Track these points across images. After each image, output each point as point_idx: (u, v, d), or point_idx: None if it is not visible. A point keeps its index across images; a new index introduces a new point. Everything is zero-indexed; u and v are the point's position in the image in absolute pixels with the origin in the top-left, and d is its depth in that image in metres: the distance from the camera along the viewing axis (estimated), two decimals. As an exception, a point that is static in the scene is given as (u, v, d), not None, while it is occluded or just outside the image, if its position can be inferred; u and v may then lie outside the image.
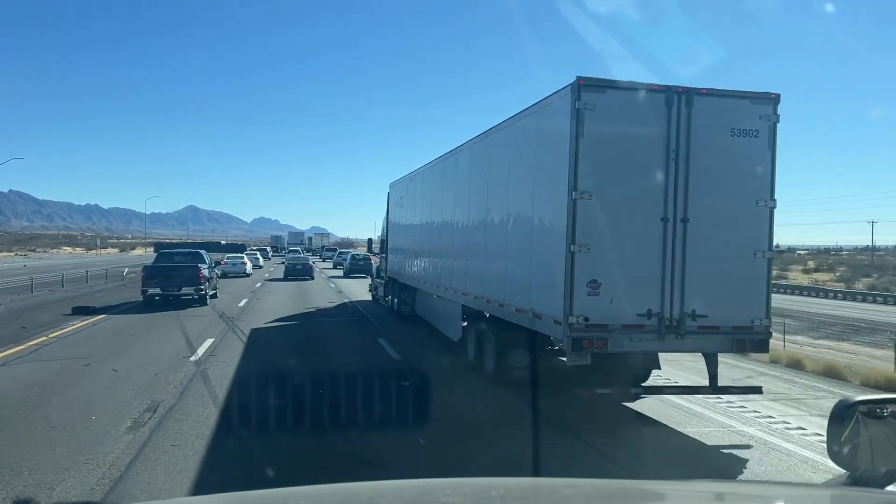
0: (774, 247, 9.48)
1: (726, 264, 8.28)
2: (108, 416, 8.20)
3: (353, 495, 2.31)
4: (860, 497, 2.15)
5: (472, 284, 11.94)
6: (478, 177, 12.09)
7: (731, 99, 8.29)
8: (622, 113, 8.07)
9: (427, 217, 16.53)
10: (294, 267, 40.20)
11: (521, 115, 9.82)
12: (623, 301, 8.03)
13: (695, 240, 8.13)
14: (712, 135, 8.18)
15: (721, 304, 8.24)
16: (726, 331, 8.28)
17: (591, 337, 7.98)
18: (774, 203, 8.33)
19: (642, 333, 8.11)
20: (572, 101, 7.91)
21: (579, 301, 7.93)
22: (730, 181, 8.28)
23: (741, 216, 8.28)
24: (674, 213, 8.11)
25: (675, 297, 8.13)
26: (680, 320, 8.14)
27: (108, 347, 13.62)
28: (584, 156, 7.90)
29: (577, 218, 7.92)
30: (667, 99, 8.08)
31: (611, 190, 8.02)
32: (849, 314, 29.27)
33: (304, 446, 7.24)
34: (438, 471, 6.57)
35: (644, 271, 8.09)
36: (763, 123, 8.24)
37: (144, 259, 64.48)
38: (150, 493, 5.84)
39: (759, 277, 8.35)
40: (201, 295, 22.58)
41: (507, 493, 2.36)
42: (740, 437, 8.15)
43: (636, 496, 2.36)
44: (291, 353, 13.33)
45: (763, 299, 8.34)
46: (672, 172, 8.10)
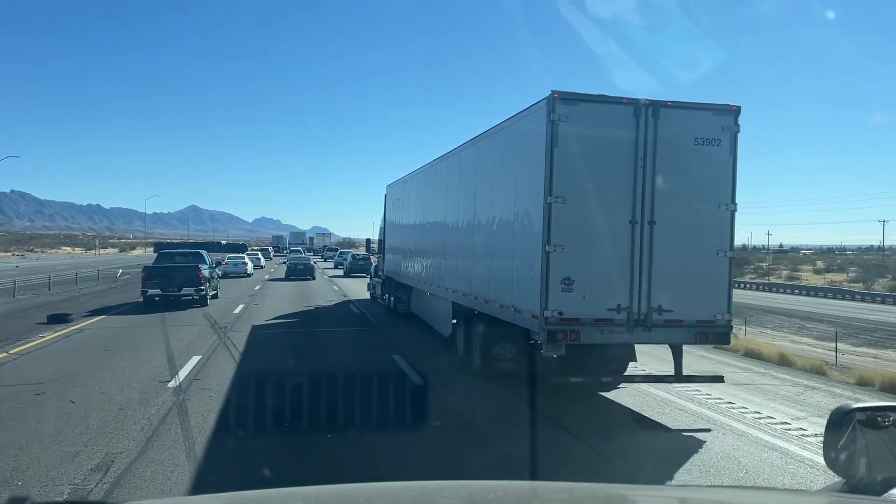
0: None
1: (690, 263, 8.98)
2: (39, 481, 6.13)
3: (351, 497, 2.30)
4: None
5: (461, 282, 12.64)
6: (466, 181, 12.80)
7: (695, 111, 8.98)
8: (594, 124, 8.76)
9: (420, 218, 17.26)
10: (296, 267, 40.76)
11: (503, 124, 10.54)
12: (594, 297, 8.74)
13: (661, 240, 8.83)
14: (677, 144, 8.87)
15: (685, 299, 8.94)
16: (690, 324, 8.99)
17: (564, 330, 8.68)
18: (735, 206, 9.02)
19: (612, 326, 8.81)
20: (547, 113, 8.61)
21: (554, 297, 8.63)
22: (694, 186, 8.98)
23: (704, 219, 8.98)
24: (641, 215, 8.81)
25: (643, 293, 8.83)
26: (647, 314, 8.84)
27: (74, 367, 11.59)
28: (559, 163, 8.60)
29: (552, 220, 8.62)
30: (635, 111, 8.78)
31: (583, 195, 8.71)
32: (885, 319, 27.54)
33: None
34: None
35: (614, 269, 8.79)
36: (725, 133, 8.94)
37: (143, 259, 63.77)
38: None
39: (721, 275, 9.05)
40: (202, 295, 22.49)
41: (504, 496, 2.36)
42: (706, 423, 8.88)
43: (634, 500, 2.37)
44: (290, 373, 11.13)
45: (725, 295, 9.04)
46: (640, 178, 8.79)
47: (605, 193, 8.81)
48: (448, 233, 13.98)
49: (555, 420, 8.65)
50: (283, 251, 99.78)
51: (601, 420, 9.04)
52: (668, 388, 10.35)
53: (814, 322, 25.13)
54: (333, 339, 16.17)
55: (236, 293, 28.21)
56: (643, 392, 10.37)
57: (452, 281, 13.35)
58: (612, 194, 8.81)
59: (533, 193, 9.05)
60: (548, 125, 8.60)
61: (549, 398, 9.49)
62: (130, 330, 16.79)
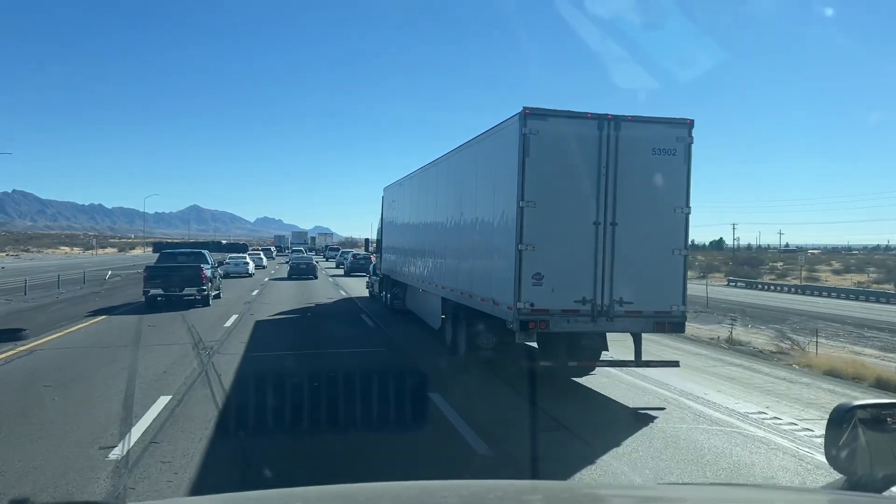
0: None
1: (649, 260, 10.03)
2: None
3: (352, 496, 2.28)
4: (858, 501, 2.15)
5: (449, 279, 13.71)
6: (452, 186, 13.87)
7: (653, 124, 10.03)
8: (561, 136, 9.82)
9: (413, 220, 18.34)
10: (298, 266, 41.56)
11: (483, 135, 11.61)
12: (562, 290, 9.80)
13: (622, 240, 9.88)
14: (636, 153, 9.91)
15: (644, 292, 10.00)
16: (648, 315, 10.05)
17: (535, 319, 9.74)
18: (689, 210, 10.07)
19: (578, 317, 9.87)
20: (520, 127, 9.67)
21: (526, 290, 9.69)
22: (651, 191, 10.02)
23: (661, 220, 10.03)
24: (604, 218, 9.86)
25: (606, 287, 9.88)
26: (609, 306, 9.90)
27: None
28: (530, 171, 9.66)
29: (524, 222, 9.68)
30: (598, 124, 9.84)
31: (552, 199, 9.77)
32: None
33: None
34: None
35: (579, 266, 9.85)
36: (679, 144, 9.99)
37: (141, 259, 63.71)
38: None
39: (676, 271, 10.10)
40: (204, 295, 22.41)
41: (504, 496, 2.35)
42: (660, 401, 9.94)
43: (633, 500, 2.37)
44: (289, 414, 8.23)
45: (680, 289, 10.09)
46: (603, 184, 9.85)
47: (572, 198, 9.86)
48: (437, 233, 15.05)
49: (532, 400, 9.67)
50: (285, 251, 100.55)
51: (572, 399, 10.09)
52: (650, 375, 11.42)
53: (873, 330, 22.65)
54: (337, 356, 13.95)
55: (233, 298, 25.97)
56: (606, 374, 11.45)
57: (441, 278, 14.41)
58: (578, 199, 9.86)
59: (508, 198, 10.11)
60: (520, 137, 9.65)
61: (526, 381, 10.55)
62: (93, 352, 13.28)
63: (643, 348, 10.59)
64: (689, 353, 14.61)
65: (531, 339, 10.02)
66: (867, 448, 2.18)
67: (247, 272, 41.65)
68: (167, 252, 28.05)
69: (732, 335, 17.67)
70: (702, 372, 12.64)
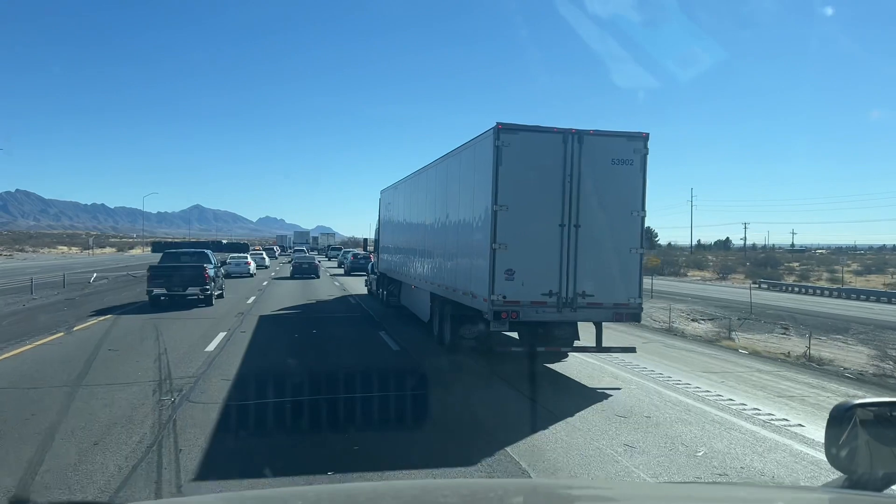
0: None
1: (608, 258, 11.31)
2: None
3: (352, 496, 2.29)
4: (858, 500, 2.15)
5: (436, 275, 15.00)
6: (439, 191, 15.18)
7: (612, 137, 11.31)
8: (530, 148, 11.11)
9: (406, 221, 19.67)
10: (301, 266, 42.47)
11: (464, 146, 12.91)
12: (531, 284, 11.09)
13: (584, 240, 11.17)
14: (597, 163, 11.19)
15: (604, 286, 11.28)
16: (608, 306, 11.34)
17: (507, 310, 11.04)
18: (644, 213, 11.35)
19: (545, 308, 11.16)
20: (494, 140, 10.96)
21: (499, 284, 10.99)
22: (611, 197, 11.30)
23: (619, 222, 11.30)
24: (569, 220, 11.14)
25: (570, 282, 11.17)
26: (573, 298, 11.19)
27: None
28: (502, 179, 10.95)
29: (497, 224, 10.98)
30: (563, 138, 11.13)
31: (522, 204, 11.06)
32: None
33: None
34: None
35: (547, 262, 11.13)
36: (636, 155, 11.26)
37: (137, 260, 62.15)
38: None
39: (633, 267, 11.39)
40: (207, 295, 22.43)
41: (504, 494, 2.36)
42: (616, 381, 11.23)
43: (635, 498, 2.39)
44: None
45: (636, 283, 11.38)
46: (567, 190, 11.13)
47: (540, 202, 11.15)
48: (427, 234, 16.35)
49: (506, 380, 11.00)
50: (287, 250, 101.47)
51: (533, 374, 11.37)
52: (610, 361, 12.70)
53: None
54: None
55: (228, 305, 23.09)
56: (577, 358, 12.75)
57: (430, 274, 15.71)
58: (546, 203, 11.14)
59: (483, 202, 11.41)
60: (494, 149, 10.95)
61: (502, 364, 11.87)
62: (9, 399, 9.25)
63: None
64: (773, 375, 12.52)
65: (504, 327, 11.32)
66: (867, 447, 2.18)
67: (248, 272, 41.44)
68: (170, 252, 27.90)
69: (810, 351, 14.75)
70: (820, 409, 9.61)
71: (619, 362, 13.03)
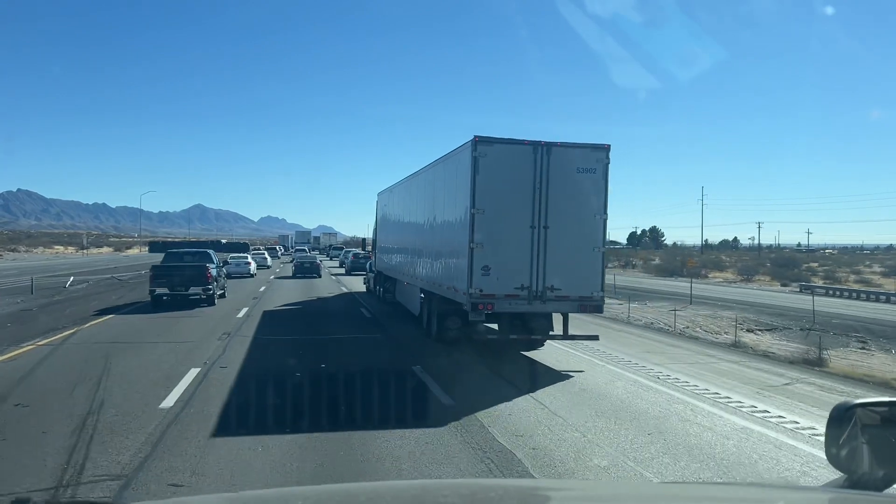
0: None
1: (574, 256, 12.70)
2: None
3: (352, 496, 2.31)
4: (859, 500, 2.14)
5: (425, 272, 16.41)
6: (427, 196, 16.60)
7: (577, 149, 12.70)
8: (504, 158, 12.51)
9: (399, 223, 21.11)
10: (302, 265, 43.36)
11: (448, 155, 14.32)
12: (505, 279, 12.48)
13: (552, 240, 12.56)
14: (564, 172, 12.58)
15: (570, 281, 12.67)
16: (574, 299, 12.73)
17: (483, 302, 12.44)
18: (606, 216, 12.75)
19: (518, 300, 12.56)
20: (472, 151, 12.36)
21: (476, 279, 12.38)
22: (576, 201, 12.69)
23: (584, 224, 12.70)
24: (538, 222, 12.53)
25: (539, 277, 12.56)
26: (542, 292, 12.58)
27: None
28: (479, 185, 12.35)
29: (475, 226, 12.37)
30: (534, 149, 12.52)
31: (497, 207, 12.46)
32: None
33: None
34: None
35: (519, 260, 12.53)
36: (598, 164, 12.66)
37: (129, 262, 60.41)
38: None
39: (596, 264, 12.78)
40: (209, 295, 22.49)
41: (504, 494, 2.36)
42: (579, 364, 12.63)
43: (636, 498, 2.40)
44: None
45: (599, 279, 12.77)
46: (537, 196, 12.52)
47: (513, 206, 12.54)
48: (417, 234, 17.77)
49: (485, 364, 12.40)
50: (288, 250, 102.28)
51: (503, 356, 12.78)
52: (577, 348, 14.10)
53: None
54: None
55: (219, 314, 20.49)
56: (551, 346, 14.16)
57: (420, 272, 17.12)
58: (518, 207, 12.54)
59: (463, 206, 12.81)
60: (472, 159, 12.35)
61: (484, 353, 13.28)
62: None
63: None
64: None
65: (481, 317, 12.74)
66: (868, 446, 2.17)
67: (248, 273, 40.98)
68: (172, 252, 27.73)
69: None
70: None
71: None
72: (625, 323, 21.15)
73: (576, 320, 14.71)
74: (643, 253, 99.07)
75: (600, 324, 18.71)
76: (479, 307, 12.46)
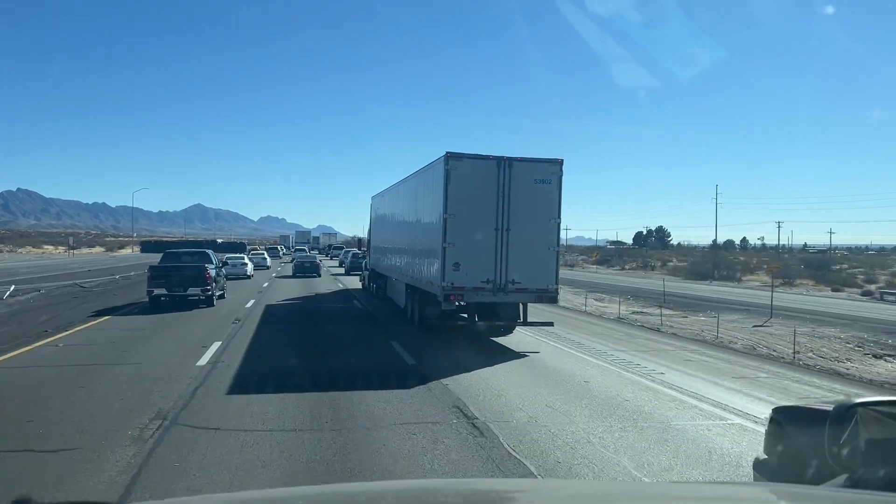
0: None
1: (532, 254, 14.89)
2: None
3: (353, 496, 2.33)
4: (859, 499, 2.13)
5: (409, 269, 18.62)
6: (411, 201, 18.83)
7: (535, 163, 14.88)
8: (472, 171, 14.70)
9: (389, 225, 23.35)
10: (302, 265, 44.52)
11: (426, 167, 16.55)
12: (473, 274, 14.67)
13: (513, 240, 14.74)
14: (524, 182, 14.76)
15: (529, 276, 14.86)
16: (532, 290, 14.93)
17: (455, 293, 14.64)
18: (560, 220, 14.98)
19: (484, 292, 14.75)
20: (444, 165, 14.56)
21: (448, 274, 14.57)
22: (534, 208, 14.87)
23: (540, 227, 14.89)
24: (502, 225, 14.71)
25: (502, 272, 14.75)
26: (505, 284, 14.77)
27: None
28: (451, 194, 14.54)
29: (447, 228, 14.56)
30: (497, 163, 14.71)
31: (465, 212, 14.64)
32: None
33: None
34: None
35: (485, 257, 14.71)
36: (553, 176, 14.85)
37: (115, 262, 56.58)
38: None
39: (551, 261, 14.98)
40: (208, 296, 22.26)
41: (505, 494, 2.39)
42: (537, 345, 14.83)
43: (634, 497, 2.43)
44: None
45: (553, 274, 14.96)
46: (501, 203, 14.70)
47: (479, 212, 14.73)
48: (403, 235, 20.00)
49: (455, 346, 14.60)
50: (290, 250, 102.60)
51: (467, 339, 14.95)
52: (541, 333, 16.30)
53: None
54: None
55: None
56: (520, 332, 16.37)
57: (405, 269, 19.34)
58: (484, 212, 14.72)
59: (438, 211, 15.01)
60: (444, 171, 14.55)
61: (458, 337, 15.48)
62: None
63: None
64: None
65: (453, 307, 14.97)
66: (868, 446, 2.24)
67: (245, 274, 39.65)
68: (171, 252, 27.25)
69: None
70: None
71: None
72: (717, 346, 16.65)
73: (662, 344, 15.53)
74: (657, 253, 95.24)
75: (699, 350, 15.68)
76: (450, 298, 14.67)
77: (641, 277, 56.82)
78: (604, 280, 49.95)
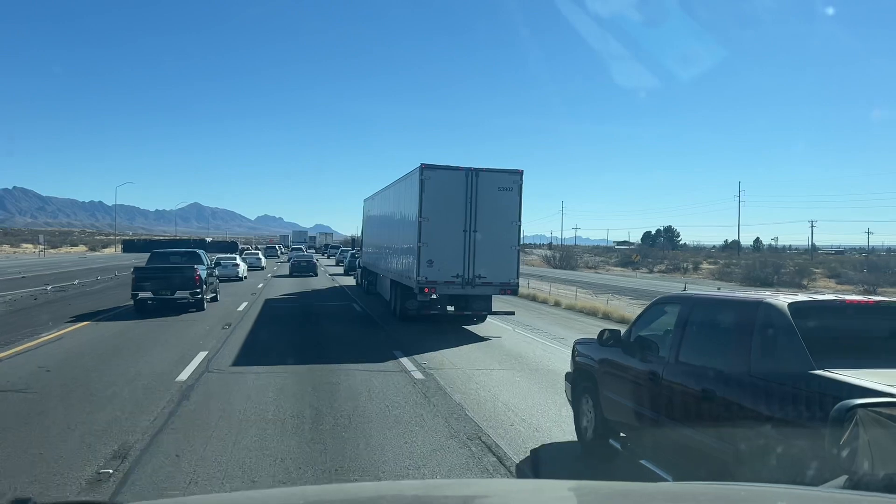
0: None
1: (496, 252, 17.09)
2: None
3: (354, 496, 2.32)
4: (860, 500, 2.13)
5: (392, 265, 20.84)
6: (393, 205, 21.09)
7: (498, 173, 17.10)
8: (444, 180, 16.90)
9: (377, 226, 25.61)
10: (299, 264, 44.93)
11: (406, 175, 18.78)
12: (444, 270, 16.88)
13: (480, 241, 16.94)
14: (489, 190, 16.97)
15: (493, 271, 17.07)
16: (496, 284, 17.15)
17: (428, 286, 16.85)
18: (520, 223, 17.18)
19: (454, 285, 16.97)
20: (420, 174, 16.78)
21: (423, 269, 16.78)
22: (498, 212, 17.07)
23: (503, 229, 17.10)
24: (469, 227, 16.91)
25: (470, 268, 16.95)
26: (472, 279, 16.98)
27: None
28: (425, 200, 16.75)
29: (422, 229, 16.77)
30: (466, 173, 16.92)
31: (438, 216, 16.84)
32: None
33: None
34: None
35: (455, 255, 16.91)
36: (514, 184, 17.07)
37: (89, 263, 53.18)
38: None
39: (512, 259, 17.21)
40: (198, 299, 20.90)
41: (506, 494, 2.39)
42: (501, 332, 17.06)
43: (636, 498, 2.40)
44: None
45: (514, 269, 17.19)
46: (469, 208, 16.90)
47: (451, 215, 16.92)
48: (388, 236, 22.26)
49: (428, 333, 16.81)
50: (288, 249, 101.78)
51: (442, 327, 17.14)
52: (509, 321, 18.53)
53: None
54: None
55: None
56: (490, 321, 18.59)
57: (389, 265, 21.56)
58: (454, 216, 16.92)
59: (414, 215, 17.23)
60: (419, 180, 16.77)
61: (434, 326, 17.70)
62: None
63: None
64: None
65: (427, 298, 17.17)
66: (868, 447, 2.21)
67: (237, 276, 37.06)
68: (159, 252, 25.59)
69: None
70: None
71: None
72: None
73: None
74: (682, 255, 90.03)
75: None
76: (425, 290, 16.89)
77: (678, 282, 45.64)
78: (640, 286, 41.98)
